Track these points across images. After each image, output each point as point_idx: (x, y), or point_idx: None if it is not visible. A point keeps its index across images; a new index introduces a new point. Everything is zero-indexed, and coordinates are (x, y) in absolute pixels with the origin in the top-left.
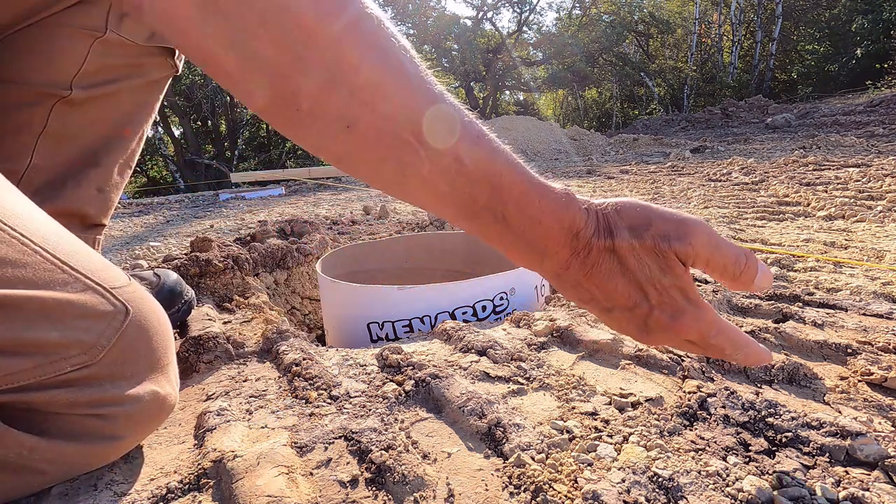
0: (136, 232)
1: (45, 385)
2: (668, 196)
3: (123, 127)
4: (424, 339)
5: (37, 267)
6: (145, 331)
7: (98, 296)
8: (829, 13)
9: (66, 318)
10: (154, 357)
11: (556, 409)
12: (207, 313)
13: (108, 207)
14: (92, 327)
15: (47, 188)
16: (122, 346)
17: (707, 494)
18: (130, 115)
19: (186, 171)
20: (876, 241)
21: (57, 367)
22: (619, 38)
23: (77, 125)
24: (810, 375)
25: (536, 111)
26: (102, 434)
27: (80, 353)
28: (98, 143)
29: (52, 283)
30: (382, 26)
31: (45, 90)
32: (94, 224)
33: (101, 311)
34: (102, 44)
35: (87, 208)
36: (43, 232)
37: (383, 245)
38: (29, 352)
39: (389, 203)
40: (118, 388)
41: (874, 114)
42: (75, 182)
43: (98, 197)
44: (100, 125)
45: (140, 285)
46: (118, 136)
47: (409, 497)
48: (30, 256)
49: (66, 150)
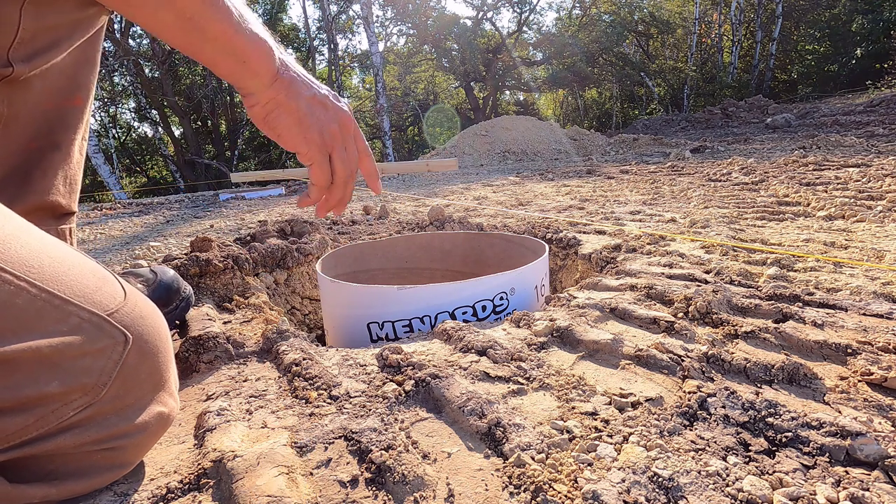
0: (136, 232)
1: (48, 434)
2: (668, 196)
3: (73, 95)
4: (424, 339)
5: (26, 308)
6: (146, 353)
7: (95, 328)
8: (829, 13)
9: (64, 363)
10: (156, 376)
11: (556, 409)
12: (207, 313)
13: (76, 191)
14: (92, 366)
15: (10, 184)
16: (123, 376)
17: (707, 494)
18: (77, 78)
19: (186, 171)
20: (876, 241)
21: (60, 414)
22: (619, 38)
23: (24, 104)
24: (810, 375)
25: (536, 111)
26: (112, 465)
27: (81, 395)
28: (51, 120)
29: (45, 323)
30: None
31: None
32: (65, 213)
33: (100, 346)
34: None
35: (57, 199)
36: (24, 255)
37: (383, 245)
38: (30, 407)
39: (389, 203)
40: (124, 420)
41: (874, 114)
42: (41, 171)
43: (64, 183)
44: (48, 99)
45: (137, 295)
46: (70, 107)
47: (409, 497)
48: (17, 296)
49: (19, 136)
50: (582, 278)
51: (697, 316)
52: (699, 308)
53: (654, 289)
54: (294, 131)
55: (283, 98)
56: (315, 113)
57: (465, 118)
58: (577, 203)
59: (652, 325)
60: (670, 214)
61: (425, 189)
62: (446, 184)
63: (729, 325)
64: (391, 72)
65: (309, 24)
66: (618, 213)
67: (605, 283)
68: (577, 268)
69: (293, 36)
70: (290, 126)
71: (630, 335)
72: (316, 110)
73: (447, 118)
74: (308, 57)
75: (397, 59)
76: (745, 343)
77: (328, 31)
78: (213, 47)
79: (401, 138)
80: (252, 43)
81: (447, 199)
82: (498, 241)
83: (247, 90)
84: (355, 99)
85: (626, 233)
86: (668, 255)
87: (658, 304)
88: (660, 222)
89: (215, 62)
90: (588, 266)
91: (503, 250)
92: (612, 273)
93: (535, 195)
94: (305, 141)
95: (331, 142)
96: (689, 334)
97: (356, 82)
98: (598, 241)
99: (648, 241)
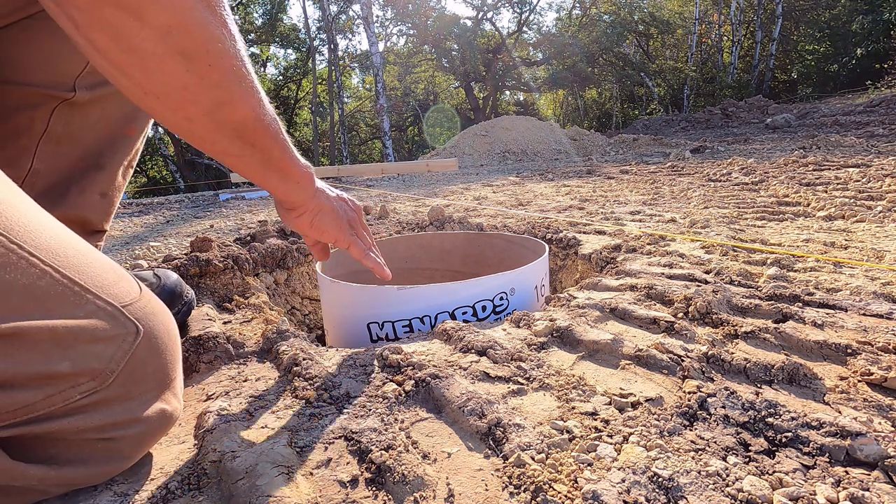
0: (136, 232)
1: (53, 415)
2: (668, 196)
3: (128, 125)
4: (424, 339)
5: (47, 290)
6: (155, 349)
7: (109, 317)
8: (829, 13)
9: (77, 345)
10: (163, 374)
11: (556, 409)
12: (207, 313)
13: (110, 212)
14: (102, 352)
15: (50, 193)
16: (131, 367)
17: (707, 494)
18: (135, 111)
19: (186, 171)
20: (876, 241)
21: (66, 395)
22: (619, 38)
23: (80, 127)
24: (810, 375)
25: (536, 111)
26: (111, 456)
27: (89, 380)
28: (102, 144)
29: (63, 306)
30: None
31: (46, 91)
32: (95, 230)
33: (112, 334)
34: None
35: (89, 215)
36: (53, 245)
37: (383, 245)
38: (39, 384)
39: (389, 203)
40: (127, 411)
41: (874, 114)
42: (79, 188)
43: (101, 202)
44: (103, 125)
45: (151, 294)
46: (123, 135)
47: (409, 497)
48: (41, 279)
49: (69, 153)
50: (582, 278)
51: (697, 316)
52: (699, 308)
53: (654, 289)
54: (334, 226)
55: (322, 204)
56: (343, 207)
57: (465, 118)
58: (577, 203)
59: (652, 325)
60: (670, 214)
61: (425, 189)
62: (446, 184)
63: (729, 326)
64: (391, 72)
65: (309, 24)
66: (618, 214)
67: (605, 283)
68: (577, 268)
69: (293, 36)
70: (331, 223)
71: (630, 335)
72: (342, 205)
73: (447, 118)
74: (308, 57)
75: (397, 59)
76: (745, 343)
77: (328, 31)
78: (278, 176)
79: (401, 138)
80: (302, 168)
81: (447, 199)
82: (498, 241)
83: (297, 203)
84: (355, 99)
85: (626, 233)
86: (668, 255)
87: (658, 305)
88: (660, 222)
89: (276, 187)
90: (588, 266)
91: (503, 250)
92: (612, 273)
93: (535, 195)
94: (342, 231)
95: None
96: (689, 334)
97: (356, 82)
98: (598, 242)
99: (648, 242)
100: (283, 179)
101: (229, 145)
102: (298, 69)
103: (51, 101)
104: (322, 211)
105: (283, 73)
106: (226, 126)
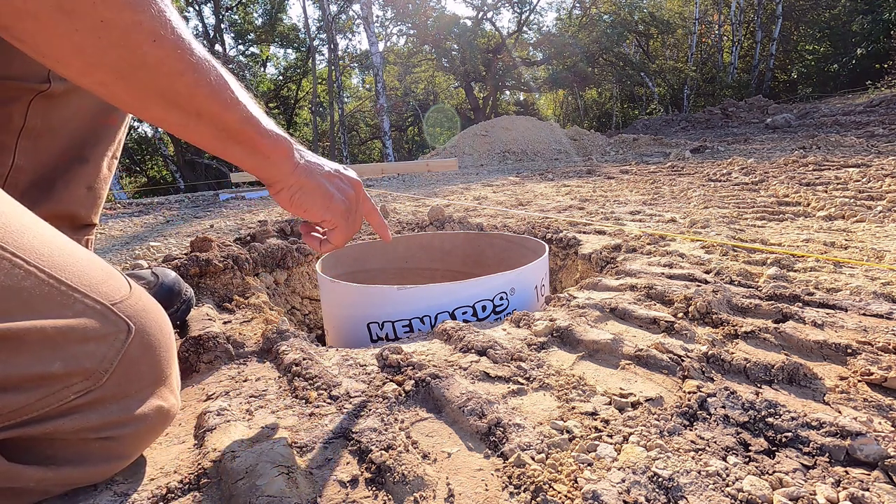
0: (136, 232)
1: (48, 416)
2: (668, 196)
3: (108, 115)
4: (424, 339)
5: (33, 291)
6: (148, 346)
7: (99, 315)
8: (829, 13)
9: (68, 346)
10: (157, 370)
11: (556, 409)
12: (207, 313)
13: (98, 205)
14: (94, 352)
15: (35, 190)
16: (125, 365)
17: (707, 494)
18: None
19: (186, 170)
20: (876, 241)
21: (60, 396)
22: (619, 38)
23: (59, 119)
24: (810, 375)
25: (536, 111)
26: (109, 455)
27: (82, 379)
28: (83, 135)
29: (50, 307)
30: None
31: (20, 84)
32: (84, 224)
33: (103, 332)
34: None
35: (77, 209)
36: (36, 244)
37: (383, 245)
38: (31, 386)
39: (389, 203)
40: (123, 410)
41: (874, 114)
42: (64, 182)
43: (88, 195)
44: (82, 116)
45: (142, 291)
46: (103, 125)
47: (409, 497)
48: (25, 279)
49: (50, 147)
50: (582, 278)
51: (697, 316)
52: (699, 308)
53: (654, 289)
54: (318, 204)
55: (304, 181)
56: (334, 183)
57: (465, 118)
58: (577, 203)
59: (652, 325)
60: (670, 214)
61: (425, 189)
62: (446, 184)
63: (729, 325)
64: (391, 72)
65: (309, 24)
66: (618, 213)
67: (605, 283)
68: (577, 268)
69: (293, 36)
70: (314, 201)
71: (630, 335)
72: (333, 181)
73: (447, 118)
74: (308, 57)
75: (397, 59)
76: (745, 343)
77: (328, 31)
78: (241, 149)
79: (401, 138)
80: (272, 142)
81: (447, 199)
82: (498, 241)
83: (272, 180)
84: (355, 99)
85: (626, 233)
86: (668, 255)
87: (658, 304)
88: (660, 222)
89: (242, 161)
90: (588, 266)
91: (503, 250)
92: (612, 273)
93: (535, 195)
94: (329, 210)
95: (351, 204)
96: (689, 334)
97: (356, 82)
98: (598, 241)
99: (648, 241)
100: (250, 154)
101: (165, 114)
102: (298, 69)
103: (26, 93)
104: (304, 188)
105: (282, 72)
106: (150, 92)
